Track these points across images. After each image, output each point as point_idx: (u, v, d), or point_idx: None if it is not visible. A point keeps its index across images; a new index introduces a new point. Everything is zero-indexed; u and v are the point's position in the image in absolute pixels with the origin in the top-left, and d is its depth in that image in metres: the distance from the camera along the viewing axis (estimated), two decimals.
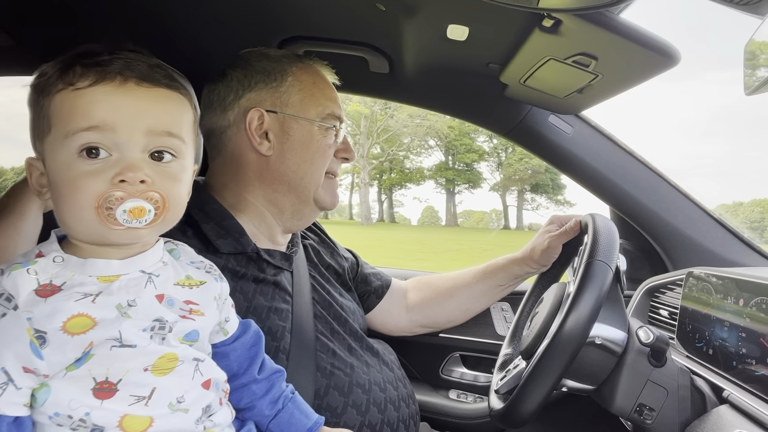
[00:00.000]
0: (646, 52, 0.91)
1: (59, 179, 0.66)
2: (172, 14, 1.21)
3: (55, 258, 0.67)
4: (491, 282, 1.40)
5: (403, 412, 1.10)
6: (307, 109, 1.11)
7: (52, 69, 0.67)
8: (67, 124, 0.65)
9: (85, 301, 0.64)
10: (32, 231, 0.94)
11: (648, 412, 1.01)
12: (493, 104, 1.46)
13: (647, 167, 1.47)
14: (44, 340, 0.62)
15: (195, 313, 0.74)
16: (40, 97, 0.67)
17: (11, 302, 0.62)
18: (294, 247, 1.18)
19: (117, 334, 0.65)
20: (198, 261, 0.81)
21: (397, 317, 1.43)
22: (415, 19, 1.09)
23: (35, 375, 0.62)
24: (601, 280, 0.94)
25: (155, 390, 0.67)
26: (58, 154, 0.65)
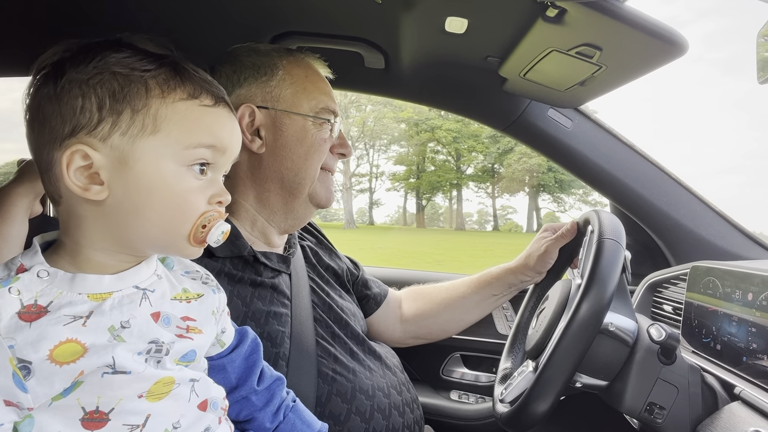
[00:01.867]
0: (652, 41, 0.89)
1: (160, 186, 0.62)
2: (163, 10, 1.17)
3: (40, 272, 0.60)
4: (486, 292, 1.38)
5: (407, 418, 1.07)
6: (299, 103, 1.08)
7: (155, 65, 0.63)
8: (190, 136, 0.63)
9: (75, 324, 0.58)
10: (18, 236, 0.90)
11: (658, 411, 0.99)
12: (491, 99, 1.43)
13: (648, 161, 1.45)
14: (29, 371, 0.55)
15: (192, 331, 0.69)
16: (144, 93, 0.61)
17: None
18: (291, 248, 1.15)
19: (110, 360, 0.59)
20: (193, 270, 0.76)
21: (392, 328, 1.41)
22: (412, 12, 1.06)
23: (18, 408, 0.56)
24: (615, 258, 0.92)
25: (150, 417, 0.62)
26: (165, 161, 0.62)
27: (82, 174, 0.60)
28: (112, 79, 0.60)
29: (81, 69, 0.60)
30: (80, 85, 0.60)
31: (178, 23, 1.24)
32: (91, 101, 0.60)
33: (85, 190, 0.60)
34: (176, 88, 0.63)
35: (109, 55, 0.61)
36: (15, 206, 0.91)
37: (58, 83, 0.60)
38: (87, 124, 0.59)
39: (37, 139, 0.62)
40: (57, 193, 0.63)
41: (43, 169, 0.63)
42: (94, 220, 0.62)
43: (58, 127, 0.60)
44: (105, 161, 0.60)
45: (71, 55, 0.62)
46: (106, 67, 0.61)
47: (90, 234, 0.63)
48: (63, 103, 0.60)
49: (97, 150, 0.60)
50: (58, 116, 0.60)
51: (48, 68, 0.62)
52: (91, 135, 0.60)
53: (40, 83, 0.62)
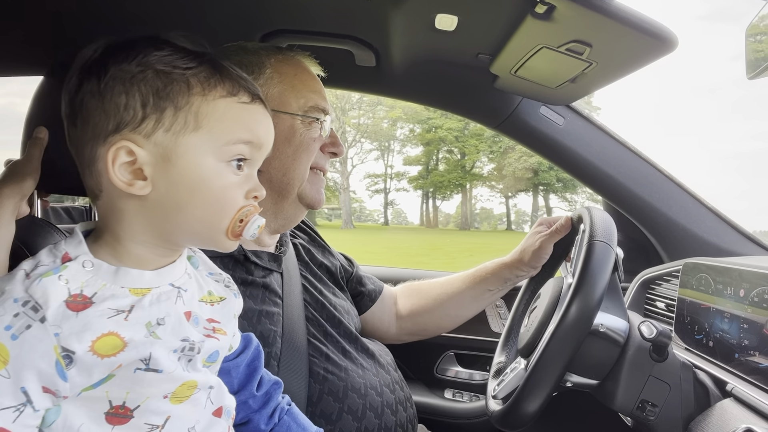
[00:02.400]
0: (642, 37, 0.88)
1: (202, 182, 0.63)
2: (151, 7, 1.16)
3: (85, 263, 0.61)
4: (481, 287, 1.37)
5: (400, 416, 1.07)
6: (287, 102, 1.06)
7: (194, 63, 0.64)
8: (229, 133, 0.64)
9: (118, 318, 0.59)
10: (4, 239, 0.89)
11: (651, 408, 0.99)
12: (483, 96, 1.43)
13: (640, 157, 1.45)
14: (71, 360, 0.56)
15: (218, 332, 0.70)
16: (185, 90, 0.62)
17: (38, 313, 0.55)
18: (283, 247, 1.14)
19: (147, 355, 0.60)
20: (216, 273, 0.78)
21: (387, 325, 1.40)
22: (402, 9, 1.05)
23: (55, 396, 0.57)
24: (604, 261, 0.92)
25: (169, 419, 0.63)
26: (206, 157, 0.63)
27: (126, 170, 0.61)
28: (156, 77, 0.61)
29: (124, 66, 0.61)
30: (124, 83, 0.61)
31: (167, 21, 1.23)
32: (135, 98, 0.61)
33: (129, 185, 0.61)
34: (216, 86, 0.64)
35: (151, 52, 0.62)
36: (1, 207, 0.90)
37: (102, 80, 0.61)
38: (131, 120, 0.61)
39: (80, 135, 0.63)
40: (98, 188, 0.64)
41: (84, 164, 0.64)
42: (136, 214, 0.63)
43: (101, 124, 0.61)
44: (149, 157, 0.61)
45: (113, 51, 0.62)
46: (149, 65, 0.61)
47: (131, 228, 0.63)
48: (107, 99, 0.61)
49: (141, 146, 0.61)
50: (102, 113, 0.61)
51: (90, 65, 0.62)
52: (135, 132, 0.61)
53: (82, 79, 0.62)
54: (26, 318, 0.55)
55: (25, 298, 0.56)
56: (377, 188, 49.41)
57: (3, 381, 0.54)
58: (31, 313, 0.55)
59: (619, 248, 1.04)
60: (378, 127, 44.80)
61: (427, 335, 1.46)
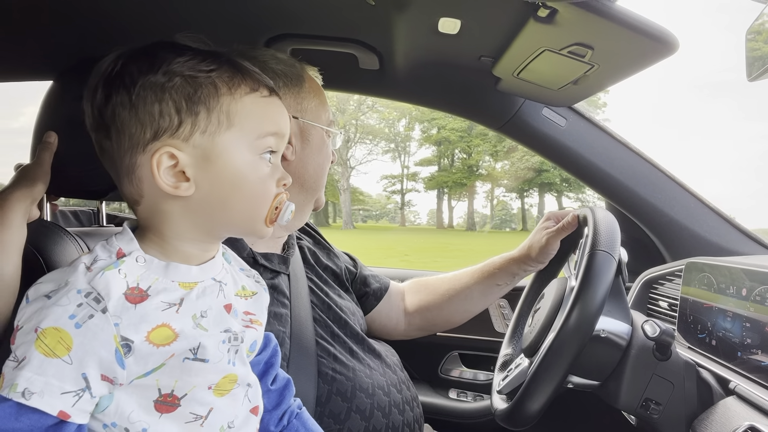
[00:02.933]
0: (643, 40, 0.89)
1: (242, 176, 0.66)
2: (155, 15, 1.17)
3: (138, 258, 0.64)
4: (489, 282, 1.36)
5: (407, 416, 1.08)
6: (320, 115, 1.12)
7: (214, 65, 0.66)
8: (259, 127, 0.67)
9: (170, 311, 0.62)
10: (17, 242, 0.90)
11: (654, 407, 1.00)
12: (486, 98, 1.44)
13: (642, 158, 1.46)
14: (129, 349, 0.59)
15: (255, 323, 0.75)
16: (213, 92, 0.65)
17: (100, 303, 0.58)
18: (290, 249, 1.16)
19: (196, 345, 0.63)
20: (247, 269, 0.81)
21: (396, 321, 1.41)
22: (406, 13, 1.06)
23: (111, 384, 0.60)
24: (605, 271, 0.93)
25: (212, 410, 0.66)
26: (243, 152, 0.66)
27: (170, 173, 0.64)
28: (184, 82, 0.64)
29: (151, 76, 0.63)
30: (155, 92, 0.63)
31: (171, 27, 1.24)
32: (168, 105, 0.63)
33: (175, 188, 0.63)
34: (240, 84, 0.67)
35: (174, 59, 0.64)
36: (12, 211, 0.91)
37: (132, 91, 0.63)
38: (168, 127, 0.63)
39: (116, 147, 0.64)
40: (138, 194, 0.66)
41: (122, 173, 0.66)
42: (181, 214, 0.66)
43: (138, 133, 0.63)
44: (189, 159, 0.64)
45: (136, 62, 0.64)
46: (175, 72, 0.64)
47: (177, 227, 0.66)
48: (140, 110, 0.63)
49: (181, 150, 0.63)
50: (137, 123, 0.63)
51: (114, 76, 0.64)
52: (173, 137, 0.63)
53: (110, 92, 0.64)
54: (89, 308, 0.58)
55: (87, 290, 0.59)
56: (394, 189, 49.70)
57: (66, 366, 0.56)
58: (93, 303, 0.58)
59: (623, 249, 1.05)
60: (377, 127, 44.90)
61: (436, 330, 1.48)
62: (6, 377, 0.56)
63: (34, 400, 0.54)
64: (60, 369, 0.56)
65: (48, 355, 0.56)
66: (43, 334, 0.56)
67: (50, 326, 0.56)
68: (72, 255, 1.00)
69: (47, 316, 0.57)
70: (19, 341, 0.57)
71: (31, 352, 0.56)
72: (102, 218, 1.29)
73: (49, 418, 0.56)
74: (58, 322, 0.57)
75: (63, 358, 0.56)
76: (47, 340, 0.56)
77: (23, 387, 0.54)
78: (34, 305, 0.59)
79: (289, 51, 1.30)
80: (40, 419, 0.55)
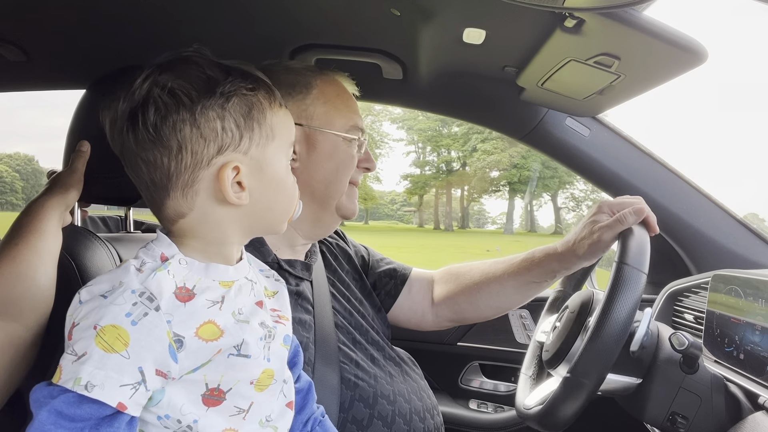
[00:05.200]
0: (671, 50, 0.89)
1: (283, 181, 0.74)
2: (183, 25, 1.19)
3: (180, 260, 0.68)
4: (524, 278, 1.23)
5: (428, 424, 1.08)
6: (332, 121, 1.11)
7: (255, 84, 0.71)
8: (289, 136, 0.76)
9: (214, 308, 0.67)
10: (53, 249, 0.92)
11: (681, 421, 0.98)
12: (509, 108, 1.44)
13: (667, 169, 1.45)
14: (181, 344, 0.63)
15: (282, 318, 0.79)
16: (261, 108, 0.71)
17: (153, 302, 0.62)
18: (313, 255, 1.17)
19: (240, 342, 0.67)
20: (266, 269, 0.84)
21: (422, 313, 1.35)
22: (431, 23, 1.07)
23: (165, 378, 0.63)
24: (633, 287, 0.90)
25: (253, 404, 0.70)
26: (282, 160, 0.74)
27: (230, 185, 0.69)
28: (240, 101, 0.69)
29: (210, 96, 0.67)
30: (215, 110, 0.67)
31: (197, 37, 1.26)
32: (229, 123, 0.68)
33: (237, 198, 0.69)
34: (273, 100, 0.73)
35: (225, 80, 0.68)
36: (48, 219, 0.93)
37: (194, 110, 0.66)
38: (231, 142, 0.68)
39: (173, 163, 0.67)
40: (188, 207, 0.69)
41: (176, 188, 0.68)
42: (231, 221, 0.71)
43: (201, 149, 0.67)
44: (247, 170, 0.69)
45: (185, 79, 0.67)
46: (231, 92, 0.68)
47: (225, 233, 0.71)
48: (203, 127, 0.66)
49: (242, 162, 0.69)
50: (200, 139, 0.67)
51: (167, 94, 0.66)
52: (236, 151, 0.68)
53: (167, 110, 0.66)
54: (143, 307, 0.62)
55: (141, 290, 0.63)
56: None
57: (124, 361, 0.60)
58: (147, 302, 0.62)
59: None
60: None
61: (468, 322, 1.41)
62: (65, 370, 0.60)
63: (95, 392, 0.58)
64: (118, 363, 0.59)
65: (107, 350, 0.59)
66: (102, 331, 0.60)
67: (109, 324, 0.60)
68: (103, 260, 1.02)
69: (105, 315, 0.61)
70: (77, 336, 0.61)
71: (92, 348, 0.59)
72: (129, 224, 1.31)
73: (108, 409, 0.59)
74: (116, 320, 0.60)
75: (121, 353, 0.60)
76: (106, 337, 0.60)
77: (86, 380, 0.58)
78: (91, 304, 0.62)
79: (314, 61, 1.32)
80: (99, 409, 0.59)
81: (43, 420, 0.57)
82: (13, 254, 0.86)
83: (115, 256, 1.07)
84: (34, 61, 1.31)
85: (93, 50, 1.26)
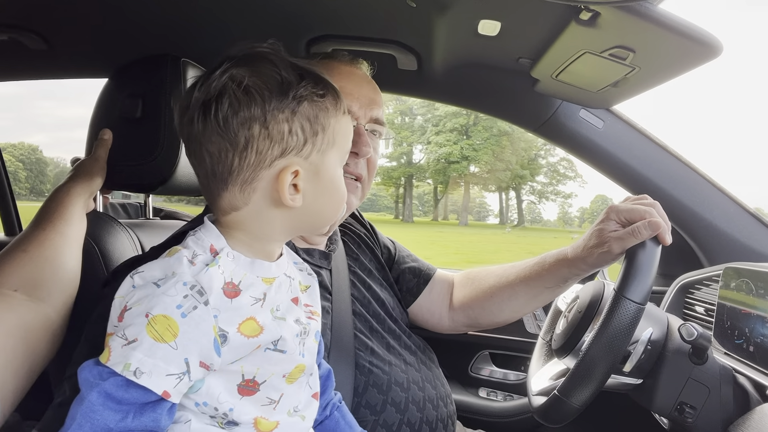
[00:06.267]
0: (686, 43, 0.89)
1: (336, 188, 0.74)
2: (204, 15, 1.21)
3: (228, 254, 0.69)
4: (536, 283, 1.21)
5: (441, 411, 1.09)
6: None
7: (324, 90, 0.71)
8: (347, 144, 0.76)
9: (256, 305, 0.68)
10: (78, 235, 0.95)
11: (689, 411, 1.00)
12: (523, 100, 1.45)
13: (681, 161, 1.44)
14: (225, 339, 0.64)
15: (315, 314, 0.80)
16: (327, 115, 0.71)
17: (203, 296, 0.63)
18: (333, 245, 1.18)
19: (278, 338, 0.69)
20: (300, 262, 0.85)
21: (439, 316, 1.36)
22: (447, 15, 1.08)
23: (207, 370, 0.65)
24: (627, 321, 0.90)
25: (282, 396, 0.72)
26: (337, 167, 0.74)
27: (287, 187, 0.69)
28: (309, 107, 0.69)
29: (284, 98, 0.68)
30: (285, 113, 0.68)
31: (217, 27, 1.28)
32: (296, 126, 0.68)
33: (292, 200, 0.69)
34: (339, 106, 0.73)
35: (299, 84, 0.69)
36: (73, 206, 0.96)
37: (266, 110, 0.67)
38: (296, 146, 0.69)
39: (238, 159, 0.67)
40: (244, 202, 0.70)
41: (235, 183, 0.69)
42: (283, 220, 0.71)
43: (265, 149, 0.67)
44: (305, 174, 0.70)
45: (260, 77, 0.68)
46: (302, 96, 0.69)
47: (273, 230, 0.72)
48: (272, 128, 0.67)
49: (301, 167, 0.69)
50: (267, 139, 0.67)
51: (243, 91, 0.66)
52: (299, 155, 0.69)
53: (238, 106, 0.66)
54: (193, 300, 0.63)
55: (192, 283, 0.64)
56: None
57: (172, 351, 0.61)
58: (197, 296, 0.63)
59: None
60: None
61: (484, 328, 1.37)
62: (115, 352, 0.61)
63: (143, 379, 0.60)
64: (167, 353, 0.61)
65: (157, 339, 0.61)
66: (153, 320, 0.61)
67: (160, 314, 0.61)
68: (125, 245, 1.05)
69: (157, 304, 0.62)
70: (129, 321, 0.62)
71: (143, 335, 0.61)
72: (149, 211, 1.34)
73: (153, 395, 0.61)
74: (167, 311, 0.62)
75: (170, 343, 0.61)
76: (157, 326, 0.61)
77: (135, 366, 0.60)
78: (144, 290, 0.64)
79: (330, 51, 1.33)
80: (144, 394, 0.61)
81: (93, 401, 0.59)
82: (41, 238, 0.89)
83: (136, 242, 1.10)
84: (55, 49, 1.33)
85: (114, 39, 1.28)
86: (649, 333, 1.02)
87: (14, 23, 1.21)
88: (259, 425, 0.70)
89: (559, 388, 0.96)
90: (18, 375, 0.77)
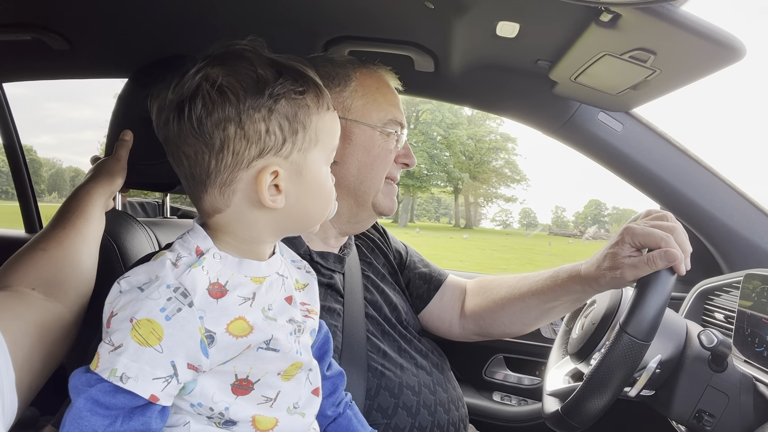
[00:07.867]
0: (708, 45, 0.88)
1: (321, 187, 0.73)
2: (223, 16, 1.22)
3: (215, 255, 0.68)
4: (549, 297, 1.17)
5: (453, 415, 1.09)
6: (369, 114, 1.11)
7: (305, 86, 0.69)
8: (333, 141, 0.74)
9: (245, 305, 0.67)
10: (97, 234, 0.96)
11: (708, 419, 0.98)
12: (541, 102, 1.43)
13: (701, 166, 1.42)
14: (213, 340, 0.64)
15: (311, 312, 0.80)
16: (308, 112, 0.69)
17: (187, 298, 0.63)
18: (347, 249, 1.18)
19: (269, 337, 0.68)
20: (298, 260, 0.84)
21: (449, 323, 1.35)
22: (465, 16, 1.07)
23: (196, 372, 0.64)
24: (629, 358, 0.89)
25: (280, 393, 0.72)
26: (322, 165, 0.72)
27: (267, 187, 0.68)
28: (286, 104, 0.67)
29: (259, 97, 0.66)
30: (261, 112, 0.66)
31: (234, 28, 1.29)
32: (274, 125, 0.67)
33: (273, 201, 0.68)
34: (322, 103, 0.71)
35: (276, 81, 0.67)
36: (94, 205, 0.97)
37: (240, 109, 0.65)
38: (274, 145, 0.67)
39: (214, 161, 0.66)
40: (225, 204, 0.69)
41: (213, 185, 0.68)
42: (266, 222, 0.70)
43: (242, 150, 0.66)
44: (285, 174, 0.68)
45: (235, 76, 0.66)
46: (279, 95, 0.67)
47: (259, 232, 0.71)
48: (247, 128, 0.65)
49: (281, 167, 0.68)
50: (243, 140, 0.65)
51: (216, 90, 0.65)
52: (277, 155, 0.67)
53: (212, 106, 0.65)
54: (177, 302, 0.63)
55: (176, 285, 0.63)
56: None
57: (157, 355, 0.61)
58: (181, 298, 0.63)
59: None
60: None
61: (495, 337, 1.34)
62: (102, 359, 0.61)
63: (130, 384, 0.60)
64: (152, 357, 0.61)
65: (142, 344, 0.61)
66: (137, 324, 0.61)
67: (144, 317, 0.61)
68: (143, 243, 1.06)
69: (141, 308, 0.62)
70: (115, 327, 0.62)
71: (128, 341, 0.61)
72: (166, 210, 1.36)
73: (141, 400, 0.61)
74: (151, 314, 0.61)
75: (155, 347, 0.61)
76: (141, 330, 0.61)
77: (121, 372, 0.60)
78: (129, 295, 0.64)
79: (347, 53, 1.33)
80: (132, 399, 0.61)
81: (80, 407, 0.60)
82: (61, 238, 0.91)
83: (154, 240, 1.11)
84: (78, 49, 1.36)
85: (136, 39, 1.29)
86: (658, 360, 1.00)
87: (38, 24, 1.23)
88: (257, 423, 0.70)
89: (563, 407, 0.96)
90: (33, 372, 0.78)
